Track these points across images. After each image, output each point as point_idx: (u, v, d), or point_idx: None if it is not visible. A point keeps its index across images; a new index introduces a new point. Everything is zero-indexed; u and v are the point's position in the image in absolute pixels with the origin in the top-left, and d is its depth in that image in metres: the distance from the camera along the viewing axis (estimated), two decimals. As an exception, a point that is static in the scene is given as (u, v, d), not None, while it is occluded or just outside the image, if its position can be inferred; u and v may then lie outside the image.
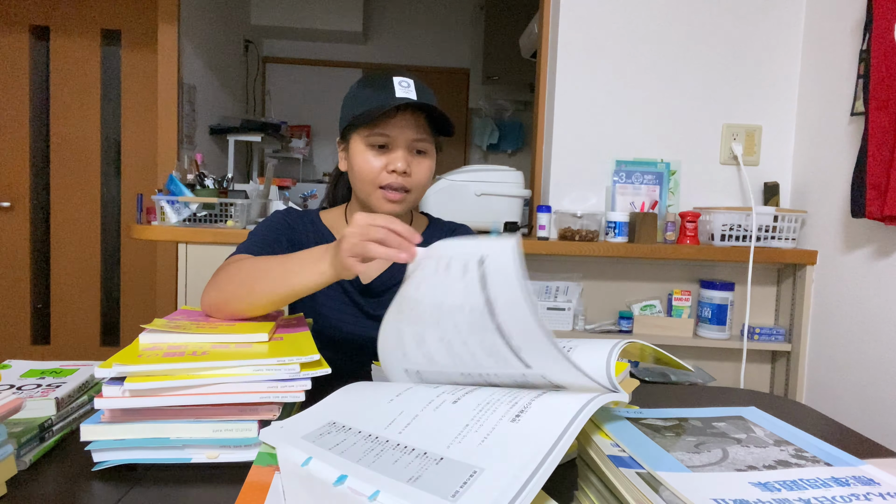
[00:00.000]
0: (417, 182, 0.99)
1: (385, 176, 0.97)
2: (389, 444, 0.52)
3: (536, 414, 0.49)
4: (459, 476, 0.44)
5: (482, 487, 0.42)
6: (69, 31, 2.92)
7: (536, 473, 0.42)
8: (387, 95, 0.94)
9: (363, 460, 0.49)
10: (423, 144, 0.99)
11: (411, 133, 0.96)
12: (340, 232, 1.09)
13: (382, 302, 1.08)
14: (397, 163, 0.96)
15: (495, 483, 0.42)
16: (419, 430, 0.53)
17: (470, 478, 0.44)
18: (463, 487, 0.43)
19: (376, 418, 0.58)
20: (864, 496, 0.39)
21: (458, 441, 0.49)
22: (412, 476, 0.46)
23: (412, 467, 0.47)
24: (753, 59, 2.02)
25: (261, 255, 0.96)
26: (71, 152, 2.97)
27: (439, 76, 4.45)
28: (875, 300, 1.62)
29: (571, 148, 2.05)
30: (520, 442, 0.46)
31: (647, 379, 1.91)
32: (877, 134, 1.50)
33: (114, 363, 0.59)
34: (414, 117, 0.96)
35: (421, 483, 0.44)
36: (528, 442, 0.45)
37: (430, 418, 0.54)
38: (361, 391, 0.66)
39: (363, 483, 0.46)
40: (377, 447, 0.52)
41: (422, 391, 0.61)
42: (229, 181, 1.95)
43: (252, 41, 3.97)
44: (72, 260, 3.02)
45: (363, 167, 0.98)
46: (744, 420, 0.53)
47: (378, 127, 0.95)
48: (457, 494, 0.42)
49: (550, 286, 1.99)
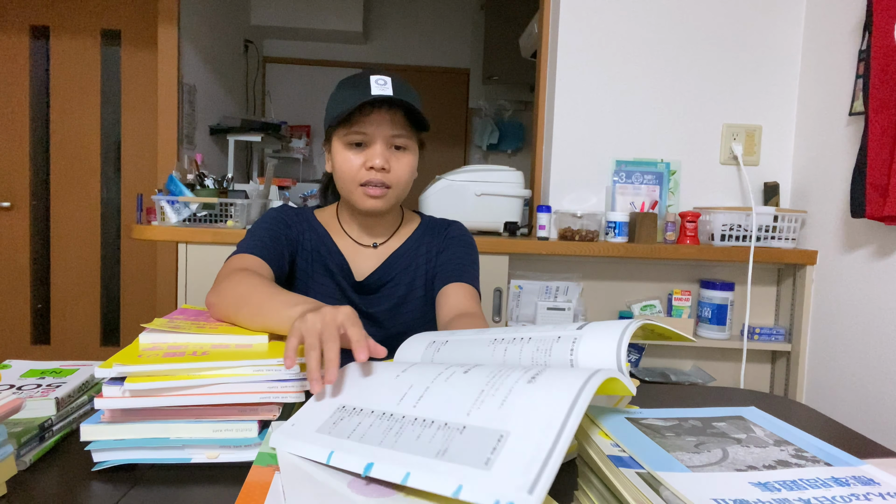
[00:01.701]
0: (398, 178, 1.00)
1: (364, 173, 0.98)
2: (406, 419, 0.51)
3: (551, 376, 0.48)
4: (487, 442, 0.43)
5: (513, 451, 0.42)
6: (69, 31, 2.92)
7: (563, 430, 0.41)
8: (363, 94, 0.95)
9: (385, 441, 0.48)
10: (402, 140, 0.99)
11: (387, 129, 0.97)
12: (334, 230, 1.10)
13: (376, 299, 1.09)
14: (375, 159, 0.96)
15: (525, 445, 0.42)
16: (433, 402, 0.52)
17: (498, 443, 0.43)
18: (493, 453, 0.42)
19: (386, 395, 0.56)
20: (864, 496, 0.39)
21: (477, 407, 0.48)
22: (439, 450, 0.45)
23: (437, 440, 0.46)
24: (753, 59, 2.02)
25: (263, 254, 0.98)
26: (71, 152, 2.97)
27: (439, 76, 4.45)
28: (875, 300, 1.62)
29: (571, 148, 2.05)
30: (540, 400, 0.45)
31: (647, 379, 1.91)
32: (876, 134, 1.50)
33: (114, 363, 0.60)
34: (390, 114, 0.97)
35: (450, 455, 0.44)
36: (549, 399, 0.45)
37: (442, 389, 0.53)
38: (362, 371, 0.65)
39: (391, 467, 0.45)
40: (395, 425, 0.50)
41: (428, 367, 0.60)
42: (229, 181, 1.95)
43: (252, 41, 3.97)
44: (72, 260, 3.02)
45: (342, 166, 0.99)
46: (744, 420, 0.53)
47: (354, 125, 0.96)
48: (489, 462, 0.41)
49: (550, 286, 1.99)
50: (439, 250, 1.11)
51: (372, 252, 1.10)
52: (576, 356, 0.57)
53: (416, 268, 1.10)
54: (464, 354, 0.67)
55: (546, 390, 0.46)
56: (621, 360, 0.54)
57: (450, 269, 1.07)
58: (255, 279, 0.84)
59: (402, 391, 0.56)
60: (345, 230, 1.10)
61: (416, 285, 1.10)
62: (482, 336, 0.68)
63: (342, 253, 1.08)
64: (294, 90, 4.40)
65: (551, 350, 0.59)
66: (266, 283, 0.83)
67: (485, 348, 0.65)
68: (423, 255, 1.11)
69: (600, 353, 0.56)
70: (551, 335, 0.61)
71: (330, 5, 4.03)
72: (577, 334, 0.59)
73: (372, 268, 1.09)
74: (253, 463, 0.56)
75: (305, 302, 0.73)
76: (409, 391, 0.55)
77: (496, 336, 0.66)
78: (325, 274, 1.08)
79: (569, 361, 0.57)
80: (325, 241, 1.08)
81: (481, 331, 0.71)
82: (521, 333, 0.64)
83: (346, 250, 1.09)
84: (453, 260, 1.09)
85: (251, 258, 0.96)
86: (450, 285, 1.05)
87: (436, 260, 1.11)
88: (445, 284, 1.05)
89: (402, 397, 0.55)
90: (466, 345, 0.68)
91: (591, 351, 0.56)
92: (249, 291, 0.80)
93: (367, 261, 1.09)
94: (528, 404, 0.46)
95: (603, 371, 0.47)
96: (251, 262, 0.95)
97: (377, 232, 1.10)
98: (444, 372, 0.56)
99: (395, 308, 1.09)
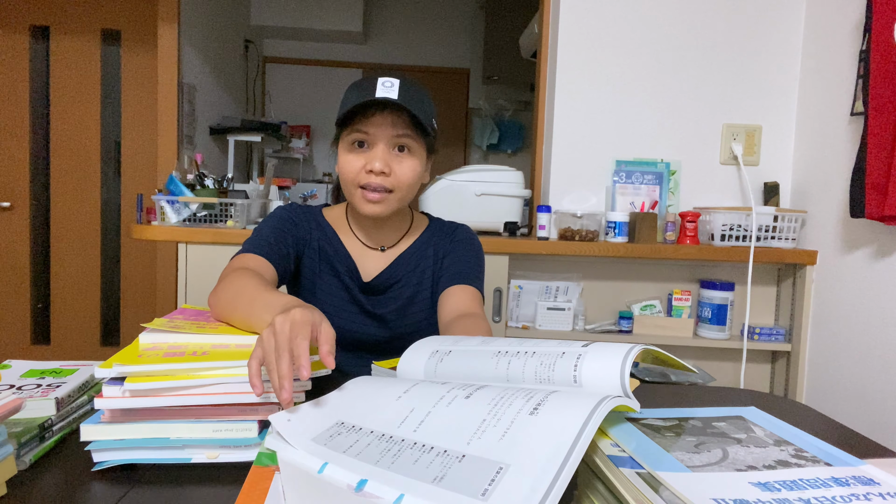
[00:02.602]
0: (400, 181, 0.98)
1: (364, 175, 0.97)
2: (406, 443, 0.50)
3: (554, 407, 0.48)
4: (486, 474, 0.43)
5: (511, 484, 0.41)
6: (69, 31, 2.92)
7: (564, 467, 0.41)
8: (367, 95, 0.94)
9: (381, 462, 0.48)
10: (405, 140, 0.97)
11: (389, 130, 0.95)
12: (342, 230, 1.10)
13: (383, 300, 1.08)
14: (374, 162, 0.95)
15: (523, 479, 0.41)
16: (434, 427, 0.51)
17: (497, 475, 0.42)
18: (491, 485, 0.41)
19: (387, 417, 0.56)
20: (864, 496, 0.39)
21: (478, 437, 0.48)
22: (436, 476, 0.44)
23: (434, 466, 0.45)
24: (753, 59, 2.02)
25: (266, 253, 0.97)
26: (71, 152, 2.97)
27: (439, 76, 4.45)
28: (875, 300, 1.62)
29: (571, 148, 2.05)
30: (542, 435, 0.45)
31: (647, 379, 1.91)
32: (876, 134, 1.50)
33: (114, 363, 0.59)
34: (393, 116, 0.96)
35: (447, 483, 0.43)
36: (551, 434, 0.44)
37: (444, 414, 0.53)
38: (364, 388, 0.64)
39: (385, 487, 0.44)
40: (394, 447, 0.50)
41: (430, 388, 0.60)
42: (229, 181, 1.95)
43: (252, 41, 3.97)
44: (72, 260, 3.02)
45: (344, 167, 0.98)
46: (744, 420, 0.53)
47: (357, 125, 0.96)
48: (486, 493, 0.41)
49: (550, 286, 1.99)
50: (446, 253, 1.11)
51: (379, 254, 1.09)
52: (580, 373, 0.57)
53: (423, 269, 1.10)
54: (467, 367, 0.66)
55: (548, 424, 0.46)
56: (625, 380, 0.53)
57: (454, 272, 1.07)
58: (245, 280, 0.83)
59: (404, 414, 0.55)
60: (353, 231, 1.10)
61: (423, 287, 1.10)
62: (486, 348, 0.67)
63: (349, 254, 1.07)
64: (294, 90, 4.40)
65: (555, 366, 0.59)
66: (253, 285, 0.81)
67: (488, 361, 0.65)
68: (431, 256, 1.11)
69: (604, 371, 0.55)
70: (556, 350, 0.61)
71: (330, 5, 4.03)
72: (582, 351, 0.59)
73: (379, 269, 1.08)
74: (253, 463, 0.56)
75: (281, 306, 0.70)
76: (410, 415, 0.55)
77: (500, 348, 0.66)
78: (332, 274, 1.07)
79: (572, 378, 0.57)
80: (333, 241, 1.08)
81: (485, 341, 0.70)
82: (526, 347, 0.64)
83: (354, 251, 1.08)
84: (458, 262, 1.08)
85: (253, 257, 0.96)
86: (453, 287, 1.04)
87: (442, 262, 1.10)
88: (448, 286, 1.05)
89: (402, 420, 0.54)
90: (469, 356, 0.68)
91: (594, 369, 0.56)
92: (238, 293, 0.79)
93: (375, 262, 1.09)
94: (529, 437, 0.45)
95: (607, 400, 0.47)
96: (252, 261, 0.95)
97: (385, 233, 1.10)
98: (447, 395, 0.56)
99: (403, 309, 1.09)
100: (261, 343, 0.60)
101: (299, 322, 0.61)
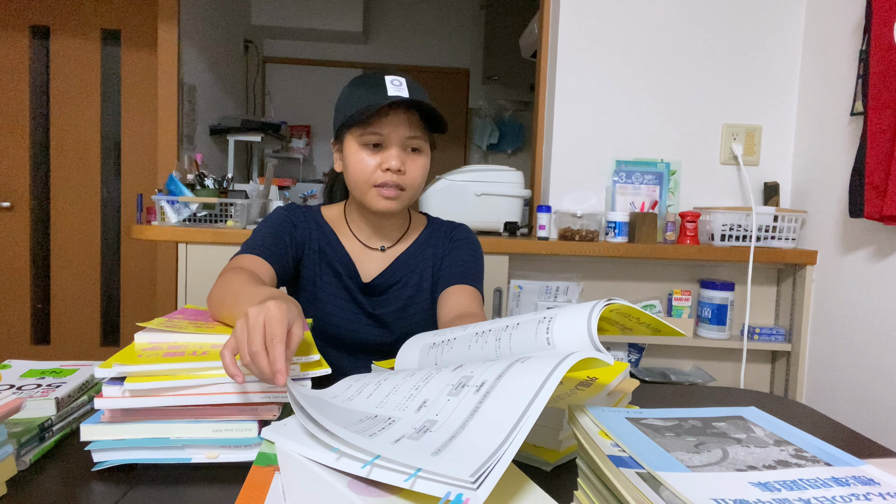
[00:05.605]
0: (412, 180, 1.00)
1: (379, 174, 0.98)
2: (379, 419, 0.56)
3: (517, 373, 0.52)
4: (442, 437, 0.49)
5: (464, 444, 0.47)
6: (69, 31, 2.92)
7: (519, 424, 0.45)
8: (379, 94, 0.95)
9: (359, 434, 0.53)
10: (417, 142, 0.99)
11: (405, 131, 0.97)
12: (341, 231, 1.09)
13: (383, 301, 1.08)
14: (391, 161, 0.96)
15: (480, 438, 0.46)
16: (398, 402, 0.57)
17: (452, 439, 0.48)
18: (445, 445, 0.47)
19: (368, 399, 0.61)
20: (864, 496, 0.39)
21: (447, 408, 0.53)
22: (397, 439, 0.51)
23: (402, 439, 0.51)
24: (753, 59, 2.02)
25: (263, 254, 0.97)
26: (71, 152, 2.97)
27: (439, 76, 4.45)
28: (875, 300, 1.62)
29: (571, 148, 2.05)
30: (499, 402, 0.49)
31: (647, 379, 1.91)
32: (875, 134, 1.50)
33: (114, 363, 0.60)
34: (406, 115, 0.97)
35: (404, 444, 0.49)
36: (507, 401, 0.49)
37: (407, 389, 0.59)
38: (351, 381, 0.69)
39: (359, 455, 0.49)
40: (371, 424, 0.55)
41: (409, 373, 0.65)
42: (229, 181, 1.95)
43: (252, 41, 3.97)
44: (72, 260, 3.02)
45: (357, 167, 0.98)
46: (744, 420, 0.53)
47: (371, 126, 0.96)
48: (438, 452, 0.46)
49: (550, 286, 1.99)
50: (445, 253, 1.11)
51: (379, 254, 1.09)
52: (552, 335, 0.62)
53: (422, 270, 1.10)
54: (456, 354, 0.71)
55: (505, 392, 0.51)
56: (593, 334, 0.58)
57: (453, 272, 1.07)
58: (235, 277, 0.83)
59: (384, 393, 0.61)
60: (352, 231, 1.10)
61: (422, 287, 1.10)
62: (467, 331, 0.73)
63: (349, 254, 1.08)
64: (294, 90, 4.40)
65: (536, 333, 0.64)
66: (241, 281, 0.81)
67: (470, 343, 0.70)
68: (430, 257, 1.11)
69: (573, 330, 0.60)
70: (534, 318, 0.67)
71: (330, 5, 4.03)
72: (552, 314, 0.64)
73: (379, 270, 1.08)
74: (253, 463, 0.56)
75: (261, 298, 0.68)
76: (390, 394, 0.61)
77: (479, 329, 0.72)
78: (331, 274, 1.07)
79: (545, 340, 0.62)
80: (332, 241, 1.08)
81: (472, 325, 0.75)
82: (508, 322, 0.70)
83: (353, 252, 1.08)
84: (457, 262, 1.08)
85: (250, 258, 0.96)
86: (452, 287, 1.04)
87: (441, 262, 1.10)
88: (448, 286, 1.05)
89: (382, 400, 0.60)
90: (455, 343, 0.73)
91: (564, 330, 0.61)
92: (227, 290, 0.80)
93: (374, 263, 1.09)
94: (491, 405, 0.50)
95: (569, 357, 0.50)
96: (249, 261, 0.95)
97: (385, 233, 1.10)
98: (419, 374, 0.62)
99: (402, 310, 1.09)
100: (234, 335, 0.59)
101: (273, 320, 0.59)
